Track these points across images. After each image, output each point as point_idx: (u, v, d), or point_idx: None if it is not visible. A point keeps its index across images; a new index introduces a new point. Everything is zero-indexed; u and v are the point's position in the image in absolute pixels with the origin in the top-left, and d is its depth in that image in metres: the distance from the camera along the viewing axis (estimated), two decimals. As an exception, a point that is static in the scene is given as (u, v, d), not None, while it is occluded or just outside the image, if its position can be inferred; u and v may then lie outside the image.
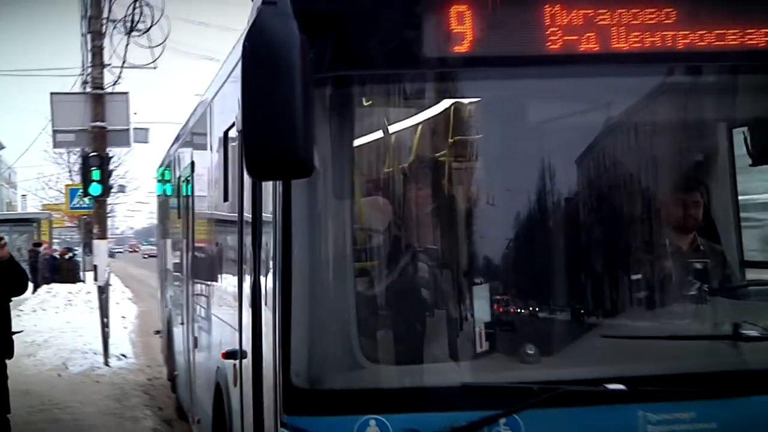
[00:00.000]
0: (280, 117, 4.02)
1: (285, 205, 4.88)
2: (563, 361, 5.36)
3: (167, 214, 17.05)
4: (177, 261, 14.67)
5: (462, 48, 4.94)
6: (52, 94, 21.18)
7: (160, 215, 19.66)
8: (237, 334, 6.51)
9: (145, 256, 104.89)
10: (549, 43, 5.03)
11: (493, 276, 5.58)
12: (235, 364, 6.63)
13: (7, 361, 9.26)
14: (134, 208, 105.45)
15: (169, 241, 17.06)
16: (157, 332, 18.92)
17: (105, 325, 19.86)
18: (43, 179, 70.20)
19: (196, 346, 10.92)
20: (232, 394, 6.92)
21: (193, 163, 12.01)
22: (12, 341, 9.29)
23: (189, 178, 12.42)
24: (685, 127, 6.21)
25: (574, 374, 5.21)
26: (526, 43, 5.08)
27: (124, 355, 20.66)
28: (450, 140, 5.54)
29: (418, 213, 5.64)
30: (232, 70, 7.43)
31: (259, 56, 4.11)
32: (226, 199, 8.03)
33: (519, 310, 5.54)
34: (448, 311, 5.45)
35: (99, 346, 19.74)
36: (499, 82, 5.46)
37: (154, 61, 23.47)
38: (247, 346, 5.88)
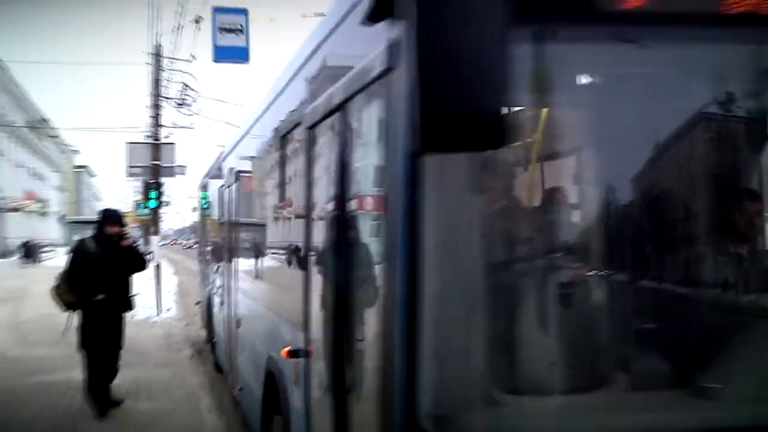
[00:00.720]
0: (472, 63, 2.15)
1: (420, 190, 2.75)
2: (752, 398, 3.06)
3: (213, 216, 12.95)
4: (220, 253, 11.32)
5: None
6: (127, 142, 21.39)
7: (202, 217, 16.25)
8: (299, 333, 4.54)
9: (186, 247, 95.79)
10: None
11: (678, 289, 3.30)
12: (297, 363, 4.60)
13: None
14: (173, 215, 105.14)
15: (212, 237, 13.54)
16: (197, 303, 16.73)
17: (158, 290, 19.97)
18: (119, 196, 70.82)
19: (238, 326, 8.25)
20: (292, 392, 4.83)
21: (238, 173, 9.02)
22: (131, 300, 9.42)
23: (234, 185, 9.31)
24: None
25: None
26: None
27: (169, 309, 20.64)
28: (673, 120, 3.23)
29: (605, 208, 3.26)
30: (293, 77, 5.33)
31: None
32: (283, 197, 5.84)
33: (704, 330, 3.21)
34: (624, 333, 3.19)
35: (153, 303, 19.75)
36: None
37: (191, 125, 23.81)
38: (319, 350, 4.12)
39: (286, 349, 4.75)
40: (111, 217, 9.30)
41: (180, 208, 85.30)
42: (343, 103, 3.70)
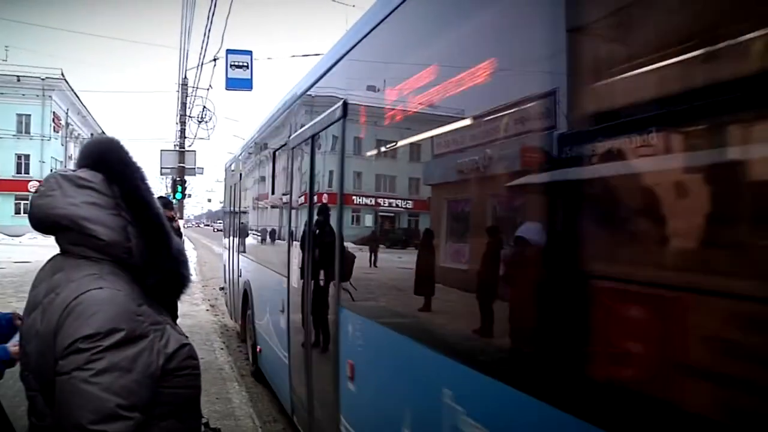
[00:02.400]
0: None
1: None
2: None
3: (259, 196, 7.81)
4: (274, 238, 6.59)
5: None
6: (161, 150, 21.01)
7: (232, 196, 10.73)
8: None
9: (215, 230, 77.59)
10: None
11: None
12: None
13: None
14: (194, 205, 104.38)
15: (253, 221, 8.60)
16: (222, 288, 12.69)
17: (182, 260, 19.49)
18: (154, 190, 70.79)
19: (352, 376, 3.40)
20: None
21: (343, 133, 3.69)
22: None
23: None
24: None
25: None
26: None
27: (191, 274, 20.14)
28: None
29: None
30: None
31: None
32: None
33: None
34: None
35: (179, 269, 19.25)
36: None
37: (209, 136, 23.34)
38: None
39: None
40: (166, 203, 9.03)
41: (199, 199, 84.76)
42: None
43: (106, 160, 1.81)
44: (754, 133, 1.34)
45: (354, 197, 3.72)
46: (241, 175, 9.72)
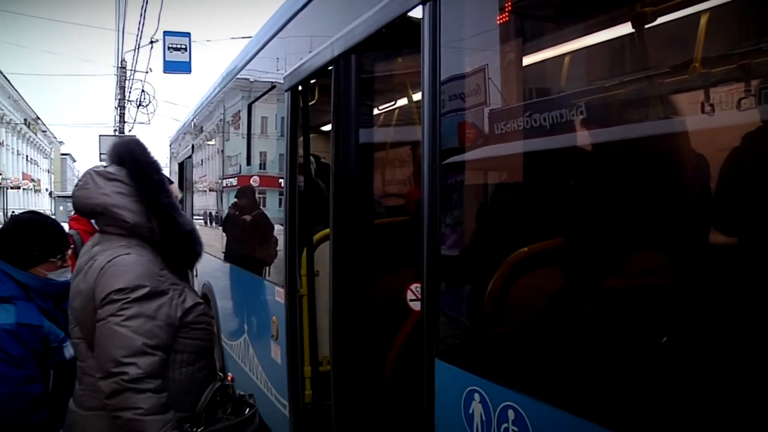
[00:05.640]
0: None
1: None
2: None
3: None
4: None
5: None
6: (100, 135, 20.57)
7: (179, 179, 8.45)
8: None
9: None
10: None
11: None
12: None
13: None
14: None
15: (214, 203, 6.55)
16: None
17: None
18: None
19: None
20: None
21: None
22: None
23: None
24: None
25: None
26: None
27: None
28: None
29: None
30: None
31: None
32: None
33: None
34: None
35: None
36: None
37: (149, 121, 22.94)
38: None
39: None
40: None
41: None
42: None
43: (125, 157, 2.23)
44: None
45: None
46: (193, 146, 7.62)
